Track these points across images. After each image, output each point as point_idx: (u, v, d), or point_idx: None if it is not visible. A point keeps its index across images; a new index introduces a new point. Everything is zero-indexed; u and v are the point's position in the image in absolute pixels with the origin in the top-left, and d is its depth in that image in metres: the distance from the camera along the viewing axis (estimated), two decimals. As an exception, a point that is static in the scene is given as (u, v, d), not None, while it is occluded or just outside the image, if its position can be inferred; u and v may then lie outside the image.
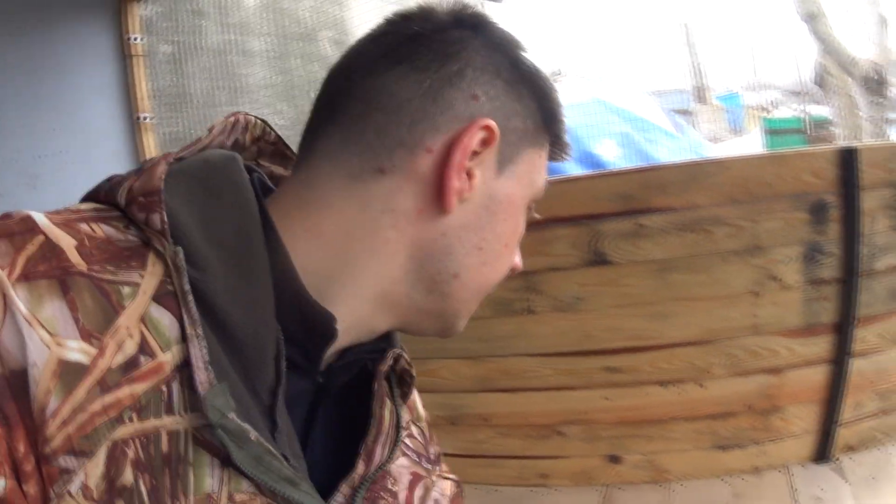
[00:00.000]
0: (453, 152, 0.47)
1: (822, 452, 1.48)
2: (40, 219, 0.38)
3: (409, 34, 0.50)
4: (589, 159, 4.08)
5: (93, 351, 0.35)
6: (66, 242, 0.37)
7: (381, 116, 0.48)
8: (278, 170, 0.55)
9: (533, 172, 0.52)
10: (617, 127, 4.26)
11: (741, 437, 1.48)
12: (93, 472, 0.35)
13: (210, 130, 0.48)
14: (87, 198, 0.44)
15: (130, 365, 0.36)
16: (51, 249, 0.37)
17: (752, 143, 6.75)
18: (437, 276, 0.49)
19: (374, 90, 0.48)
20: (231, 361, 0.40)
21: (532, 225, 0.54)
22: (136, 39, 2.22)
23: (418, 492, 0.57)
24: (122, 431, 0.35)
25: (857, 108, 5.27)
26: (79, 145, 2.05)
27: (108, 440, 0.35)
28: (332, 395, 0.51)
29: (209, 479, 0.38)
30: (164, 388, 0.37)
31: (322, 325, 0.46)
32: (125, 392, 0.36)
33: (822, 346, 1.43)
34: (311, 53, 4.57)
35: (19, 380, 0.34)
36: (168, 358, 0.37)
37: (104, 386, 0.35)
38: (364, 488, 0.49)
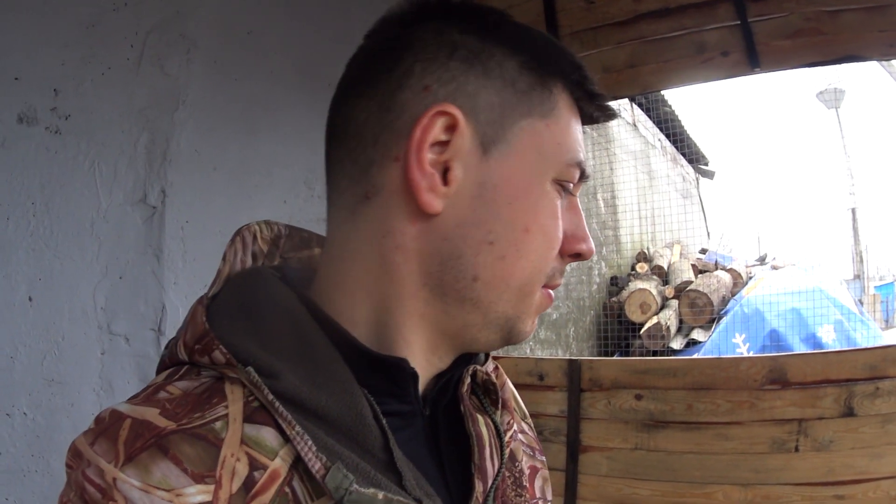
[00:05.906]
0: (409, 149, 0.44)
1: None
2: (123, 407, 0.41)
3: (361, 54, 0.49)
4: (812, 340, 4.31)
5: (210, 487, 0.38)
6: (151, 413, 0.40)
7: (352, 143, 0.47)
8: (306, 252, 0.55)
9: (540, 144, 0.47)
10: (833, 314, 4.47)
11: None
12: None
13: (224, 258, 0.50)
14: (159, 369, 0.47)
15: (249, 484, 0.39)
16: (140, 426, 0.39)
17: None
18: (456, 284, 0.46)
19: (343, 122, 0.48)
20: (337, 440, 0.41)
21: (810, 383, 0.74)
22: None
23: (538, 482, 0.58)
24: None
25: None
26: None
27: None
28: (444, 420, 0.51)
29: None
30: (287, 489, 0.40)
31: (398, 371, 0.46)
32: None
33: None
34: (590, 210, 5.02)
35: None
36: (279, 463, 0.40)
37: None
38: (490, 502, 0.50)
